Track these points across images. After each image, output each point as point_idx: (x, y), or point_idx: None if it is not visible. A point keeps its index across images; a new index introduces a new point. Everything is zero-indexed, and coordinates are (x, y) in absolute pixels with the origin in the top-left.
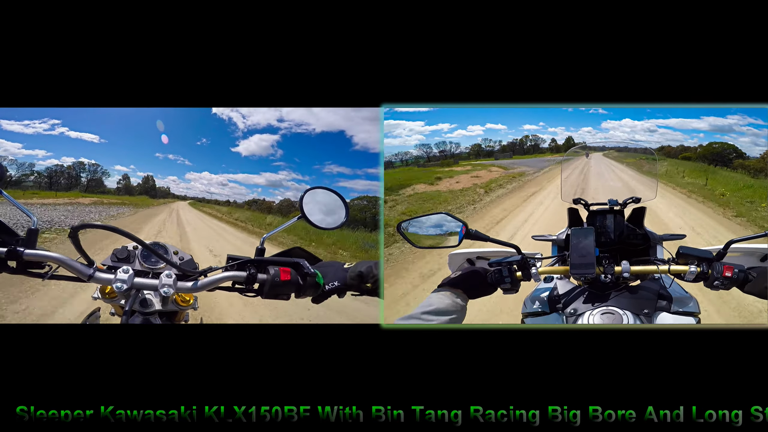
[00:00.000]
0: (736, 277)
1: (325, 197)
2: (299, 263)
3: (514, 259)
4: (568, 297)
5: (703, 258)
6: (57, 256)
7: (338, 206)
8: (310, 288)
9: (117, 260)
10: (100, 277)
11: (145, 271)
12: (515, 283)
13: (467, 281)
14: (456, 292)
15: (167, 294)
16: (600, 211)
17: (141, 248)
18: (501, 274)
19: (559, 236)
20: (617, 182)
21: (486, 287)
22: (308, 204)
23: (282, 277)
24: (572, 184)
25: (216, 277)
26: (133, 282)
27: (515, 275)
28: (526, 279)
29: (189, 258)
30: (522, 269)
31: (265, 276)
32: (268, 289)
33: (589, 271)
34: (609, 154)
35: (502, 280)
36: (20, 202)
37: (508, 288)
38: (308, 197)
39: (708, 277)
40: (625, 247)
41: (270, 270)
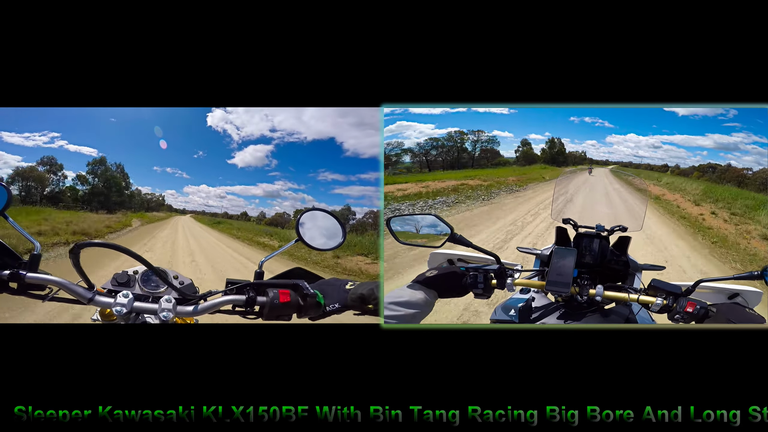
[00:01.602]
0: (697, 313)
1: (321, 220)
2: (298, 284)
3: (491, 268)
4: (542, 311)
5: (671, 292)
6: (58, 279)
7: (334, 227)
8: (311, 308)
9: (117, 284)
10: (99, 301)
11: (145, 296)
12: (488, 289)
13: (442, 280)
14: (428, 291)
15: (166, 318)
16: (587, 234)
17: (141, 273)
18: (476, 279)
19: (543, 251)
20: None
21: (459, 289)
22: (305, 226)
23: (282, 299)
24: (564, 203)
25: (216, 301)
26: (133, 306)
27: (490, 282)
28: (500, 288)
29: (189, 282)
30: (498, 278)
31: (265, 299)
32: (268, 311)
33: (564, 289)
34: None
35: (475, 285)
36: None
37: (480, 293)
38: (304, 219)
39: (671, 309)
40: (605, 271)
41: (269, 293)
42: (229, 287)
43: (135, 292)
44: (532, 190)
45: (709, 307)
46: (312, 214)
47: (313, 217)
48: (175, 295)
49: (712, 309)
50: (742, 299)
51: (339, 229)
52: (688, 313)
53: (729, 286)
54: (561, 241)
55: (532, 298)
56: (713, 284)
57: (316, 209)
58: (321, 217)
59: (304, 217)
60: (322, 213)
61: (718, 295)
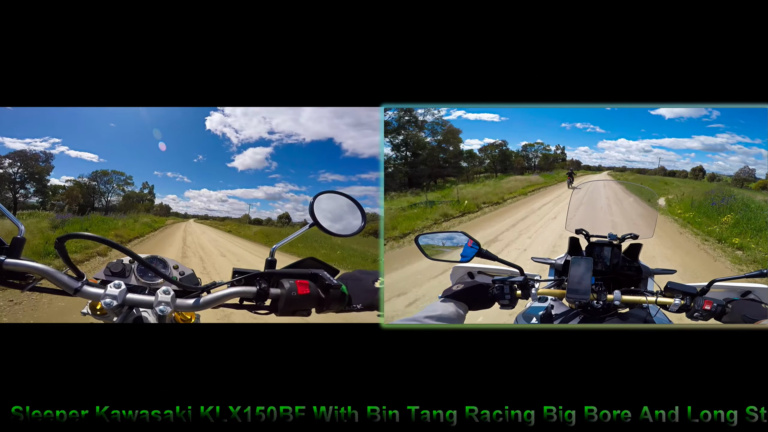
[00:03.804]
0: (714, 310)
1: (337, 203)
2: (318, 274)
3: (516, 279)
4: (563, 317)
5: (688, 293)
6: (41, 267)
7: (352, 210)
8: (334, 302)
9: (111, 274)
10: (87, 292)
11: (142, 287)
12: (514, 299)
13: (470, 294)
14: (459, 303)
15: (164, 312)
16: (599, 243)
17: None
18: (502, 291)
19: (557, 261)
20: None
21: (486, 301)
22: (319, 211)
23: (300, 290)
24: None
25: (221, 293)
26: (125, 298)
27: (515, 293)
28: (525, 298)
29: (190, 273)
30: (522, 288)
31: (279, 290)
32: (283, 305)
33: (584, 297)
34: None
35: (502, 296)
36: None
37: (506, 304)
38: (318, 203)
39: (690, 309)
40: (618, 277)
41: (285, 284)
42: (236, 277)
43: (130, 282)
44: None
45: (726, 304)
46: (327, 197)
47: (328, 199)
48: (174, 286)
49: (729, 306)
50: (755, 296)
51: (358, 213)
52: (707, 310)
53: (741, 285)
54: (574, 250)
55: (550, 305)
56: (726, 283)
57: (331, 191)
58: (337, 200)
59: (319, 200)
60: (338, 195)
61: (731, 294)
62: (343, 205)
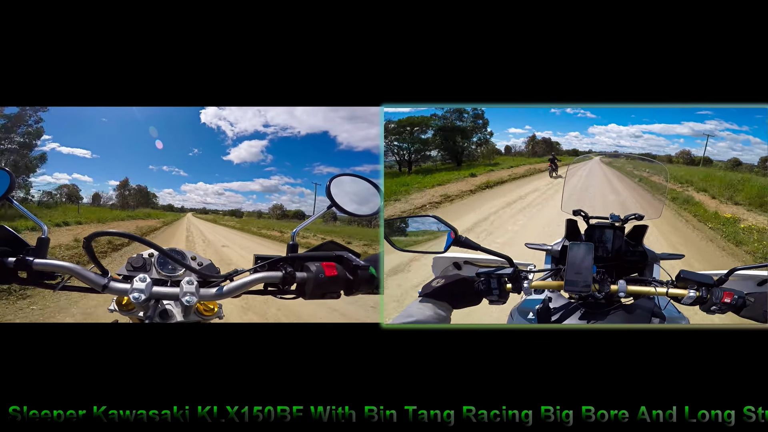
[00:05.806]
0: (735, 303)
1: (353, 184)
2: (343, 256)
3: (505, 272)
4: (562, 311)
5: (703, 283)
6: (69, 265)
7: (368, 191)
8: (363, 283)
9: (132, 269)
10: (115, 287)
11: (163, 280)
12: (503, 294)
13: (452, 290)
14: (439, 303)
15: (190, 303)
16: (599, 225)
17: (157, 255)
18: (489, 285)
19: (554, 246)
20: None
21: (472, 297)
22: (337, 192)
23: (327, 272)
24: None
25: (245, 280)
26: (152, 291)
27: (505, 287)
28: (516, 292)
29: (209, 263)
30: (513, 281)
31: (306, 274)
32: (312, 288)
33: (585, 289)
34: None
35: (489, 291)
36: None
37: (495, 300)
38: (335, 185)
39: (706, 301)
40: (621, 263)
41: (311, 267)
42: (259, 263)
43: (152, 276)
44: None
45: (746, 296)
46: (341, 180)
47: (343, 182)
48: (196, 277)
49: (750, 298)
50: None
51: (374, 193)
52: (726, 303)
53: (758, 273)
54: (571, 235)
55: (548, 297)
56: (745, 272)
57: (346, 174)
58: (352, 182)
59: (335, 183)
60: (353, 178)
61: (746, 283)
62: (361, 186)
